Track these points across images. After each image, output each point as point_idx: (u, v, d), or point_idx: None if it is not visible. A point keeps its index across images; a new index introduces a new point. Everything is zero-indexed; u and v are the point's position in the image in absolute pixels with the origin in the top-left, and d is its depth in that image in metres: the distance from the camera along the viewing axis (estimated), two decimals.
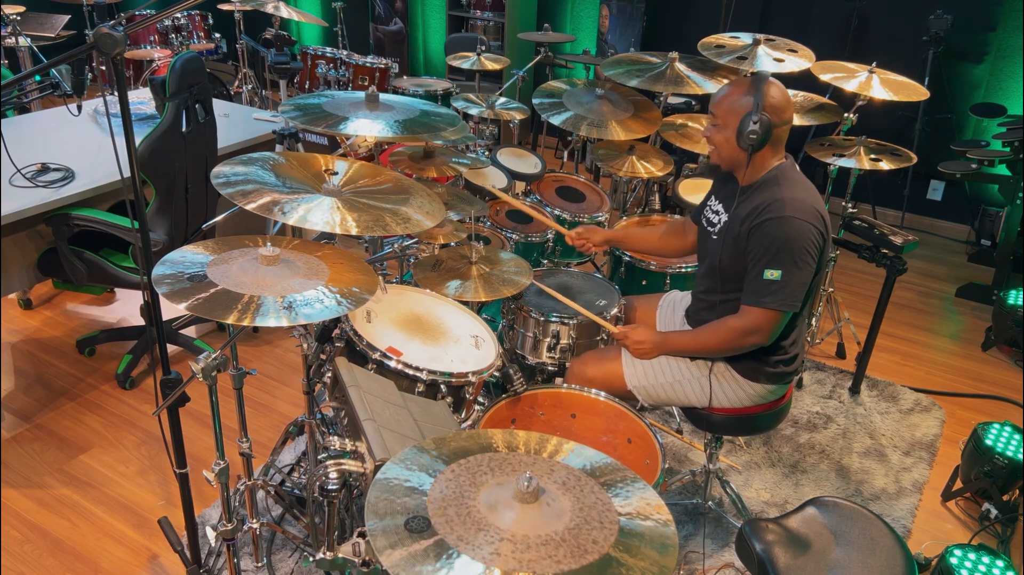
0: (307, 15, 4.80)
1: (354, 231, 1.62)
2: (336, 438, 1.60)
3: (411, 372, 1.93)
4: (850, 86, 2.95)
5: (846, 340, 3.60)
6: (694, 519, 2.53)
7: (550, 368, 2.47)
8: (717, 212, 2.16)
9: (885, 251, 3.02)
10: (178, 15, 5.26)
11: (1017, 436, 2.60)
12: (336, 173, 1.88)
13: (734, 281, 2.05)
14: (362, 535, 1.35)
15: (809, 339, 3.60)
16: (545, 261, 2.99)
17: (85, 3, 5.20)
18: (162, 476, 2.66)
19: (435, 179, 2.84)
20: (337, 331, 2.01)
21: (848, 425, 3.07)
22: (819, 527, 1.79)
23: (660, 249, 2.51)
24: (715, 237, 2.13)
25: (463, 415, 2.07)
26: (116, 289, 3.71)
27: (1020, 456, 2.53)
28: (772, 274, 1.93)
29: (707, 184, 3.26)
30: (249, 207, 1.61)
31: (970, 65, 4.48)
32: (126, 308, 3.61)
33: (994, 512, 2.55)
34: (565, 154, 5.35)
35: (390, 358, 1.93)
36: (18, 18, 4.48)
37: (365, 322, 2.09)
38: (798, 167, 2.06)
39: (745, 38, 3.06)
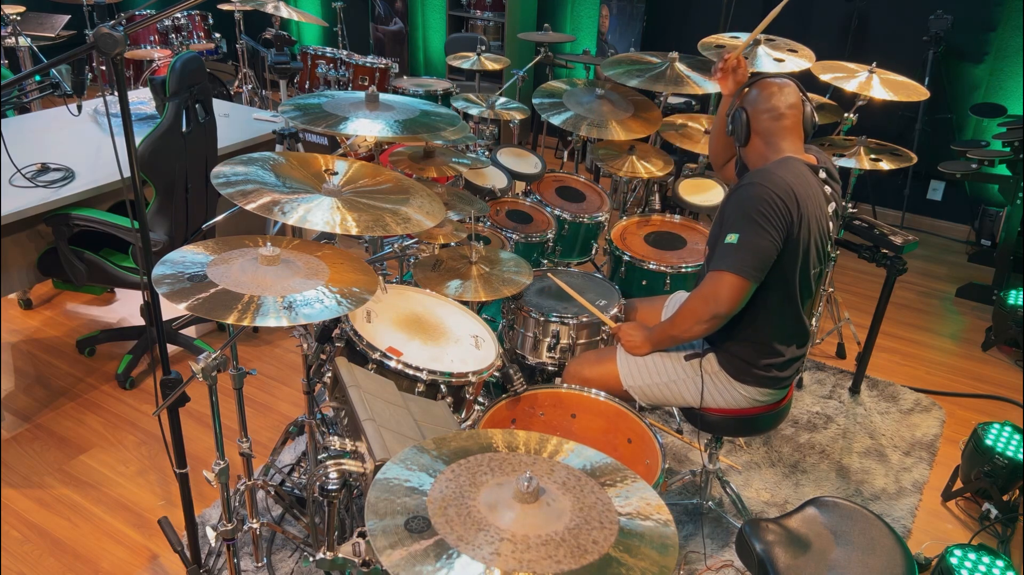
0: (307, 15, 4.80)
1: (354, 231, 1.62)
2: (336, 438, 1.60)
3: (411, 372, 1.93)
4: (850, 86, 2.94)
5: (846, 340, 3.60)
6: (694, 519, 2.53)
7: (550, 368, 2.47)
8: None
9: (885, 251, 3.02)
10: (178, 15, 5.26)
11: (1017, 436, 2.60)
12: (336, 173, 1.88)
13: None
14: (362, 535, 1.35)
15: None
16: (545, 261, 2.99)
17: (85, 3, 5.20)
18: (162, 476, 2.66)
19: (435, 179, 2.84)
20: (337, 331, 2.01)
21: (848, 425, 3.07)
22: (819, 527, 1.79)
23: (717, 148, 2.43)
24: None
25: (463, 415, 2.07)
26: (116, 289, 3.71)
27: (1020, 456, 2.53)
28: (731, 238, 1.92)
29: (707, 184, 3.27)
30: (249, 207, 1.61)
31: (970, 65, 4.48)
32: (126, 308, 3.61)
33: (994, 512, 2.55)
34: (565, 154, 5.35)
35: (390, 358, 1.93)
36: (18, 18, 4.48)
37: (365, 322, 2.09)
38: (814, 169, 2.02)
39: (745, 38, 3.05)
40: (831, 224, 2.07)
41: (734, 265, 1.91)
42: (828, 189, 2.05)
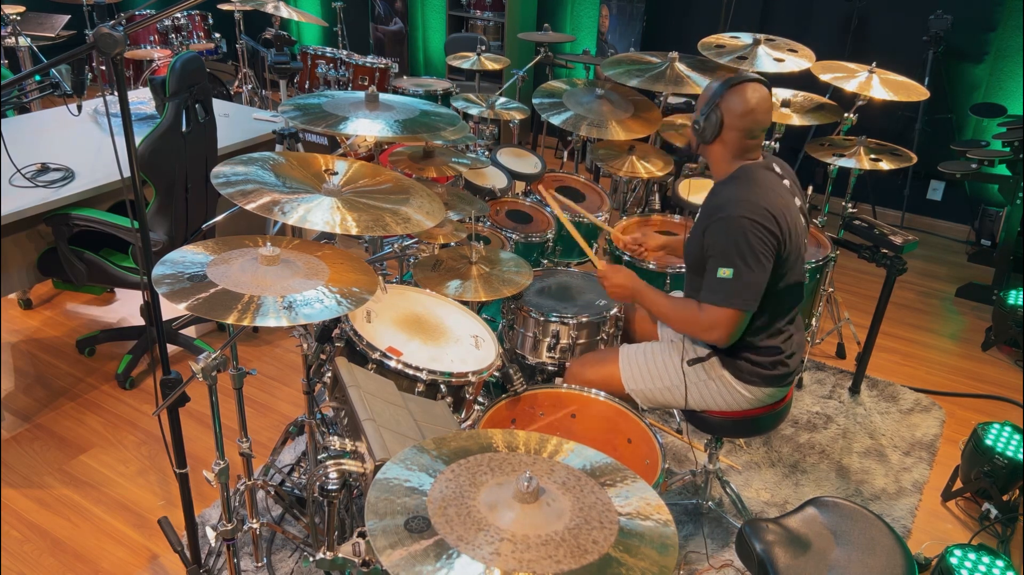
0: (307, 15, 4.80)
1: (354, 231, 1.62)
2: (336, 438, 1.60)
3: (411, 372, 1.93)
4: (850, 86, 2.94)
5: (846, 340, 3.60)
6: (694, 519, 2.53)
7: (550, 368, 2.47)
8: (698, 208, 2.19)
9: (885, 251, 3.02)
10: (178, 15, 5.26)
11: (1017, 436, 2.60)
12: (336, 173, 1.88)
13: (703, 276, 2.07)
14: (362, 535, 1.36)
15: (809, 339, 3.60)
16: (545, 261, 2.99)
17: (85, 3, 5.20)
18: (162, 476, 2.66)
19: (435, 179, 2.84)
20: (337, 331, 2.01)
21: (848, 425, 3.07)
22: (819, 527, 1.79)
23: None
24: (688, 235, 2.15)
25: (463, 415, 2.07)
26: (116, 289, 3.71)
27: (1020, 456, 2.53)
28: (724, 272, 1.92)
29: (707, 184, 3.26)
30: (249, 207, 1.61)
31: (970, 65, 4.48)
32: (126, 308, 3.61)
33: (994, 512, 2.55)
34: (565, 154, 5.35)
35: (390, 358, 1.93)
36: (18, 18, 4.48)
37: (365, 322, 2.09)
38: (771, 170, 2.04)
39: (745, 38, 3.06)
40: (802, 219, 2.09)
41: (733, 302, 1.93)
42: (787, 183, 2.07)
